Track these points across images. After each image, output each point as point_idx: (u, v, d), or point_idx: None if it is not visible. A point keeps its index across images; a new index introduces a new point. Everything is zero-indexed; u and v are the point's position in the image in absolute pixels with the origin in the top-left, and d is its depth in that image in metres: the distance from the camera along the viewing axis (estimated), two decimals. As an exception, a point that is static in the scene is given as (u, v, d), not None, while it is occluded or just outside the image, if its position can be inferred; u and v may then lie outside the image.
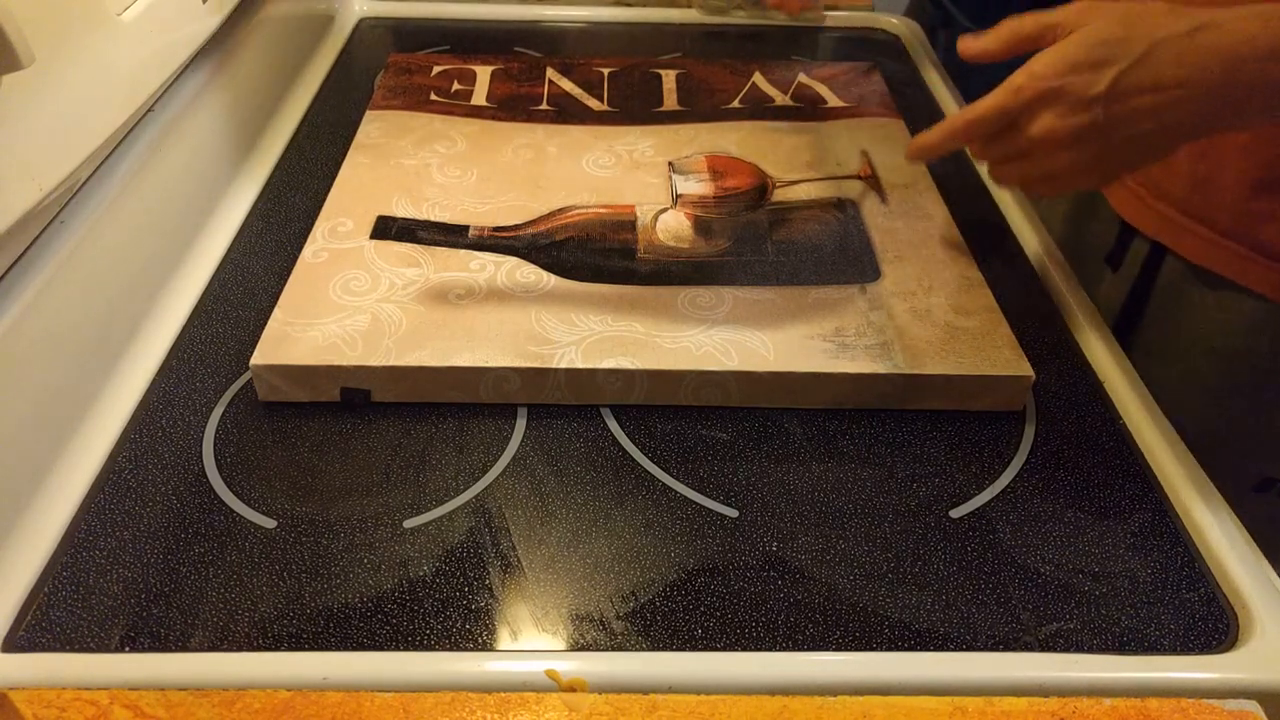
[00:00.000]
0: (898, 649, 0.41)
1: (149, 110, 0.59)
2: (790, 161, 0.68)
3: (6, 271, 0.46)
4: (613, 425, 0.51)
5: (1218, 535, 0.46)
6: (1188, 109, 0.47)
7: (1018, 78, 0.51)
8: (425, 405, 0.52)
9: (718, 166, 0.67)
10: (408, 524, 0.46)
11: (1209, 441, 0.51)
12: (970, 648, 0.41)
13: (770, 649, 0.41)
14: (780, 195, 0.65)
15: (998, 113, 0.51)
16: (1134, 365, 0.56)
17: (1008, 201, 0.70)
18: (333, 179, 0.64)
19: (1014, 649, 0.41)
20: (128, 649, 0.40)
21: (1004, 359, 0.52)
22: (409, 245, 0.58)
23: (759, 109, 0.75)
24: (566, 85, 0.77)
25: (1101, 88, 0.47)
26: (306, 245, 0.58)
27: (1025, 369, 0.52)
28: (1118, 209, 0.67)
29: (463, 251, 0.58)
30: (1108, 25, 0.49)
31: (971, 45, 0.55)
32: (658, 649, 0.41)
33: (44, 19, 0.45)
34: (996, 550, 0.45)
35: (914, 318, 0.54)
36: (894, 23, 0.95)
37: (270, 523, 0.46)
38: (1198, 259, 0.62)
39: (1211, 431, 0.53)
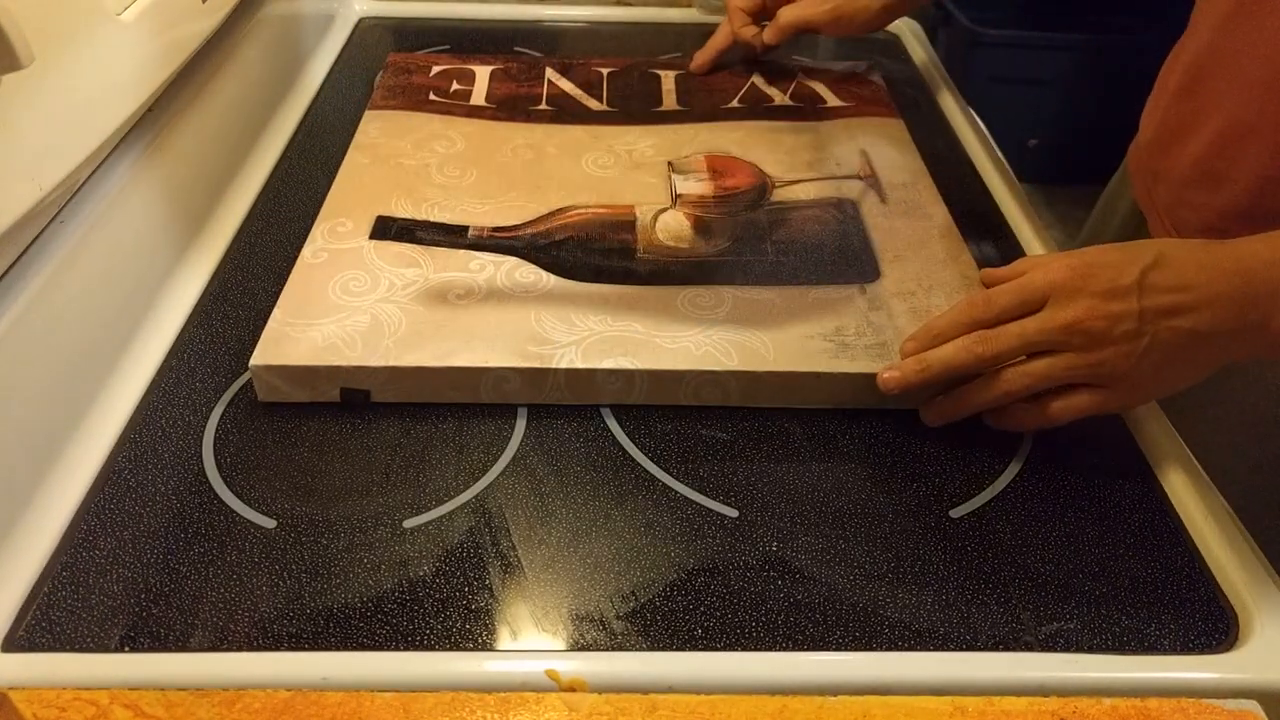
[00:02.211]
0: (898, 649, 0.41)
1: (149, 110, 0.59)
2: (790, 161, 0.68)
3: (6, 271, 0.46)
4: (613, 425, 0.51)
5: (1218, 535, 0.46)
6: (1216, 312, 0.45)
7: (1040, 266, 0.47)
8: (425, 405, 0.52)
9: (717, 166, 0.67)
10: (408, 524, 0.46)
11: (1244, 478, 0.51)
12: (970, 647, 0.41)
13: (770, 649, 0.41)
14: (780, 195, 0.65)
15: (1027, 286, 0.47)
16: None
17: (1008, 201, 0.70)
18: (332, 179, 0.64)
19: (1014, 649, 0.41)
20: (128, 649, 0.40)
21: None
22: (408, 245, 0.58)
23: (758, 109, 0.75)
24: (566, 85, 0.77)
25: (1131, 279, 0.45)
26: (306, 245, 0.58)
27: (1025, 369, 0.52)
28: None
29: (462, 251, 0.58)
30: (1117, 244, 0.48)
31: (988, 275, 0.53)
32: (658, 649, 0.41)
33: (44, 19, 0.45)
34: (996, 550, 0.45)
35: (914, 318, 0.54)
36: (894, 22, 0.94)
37: (270, 523, 0.46)
38: None
39: (1246, 481, 0.53)
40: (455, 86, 0.76)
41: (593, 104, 0.75)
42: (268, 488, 0.47)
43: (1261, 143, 0.56)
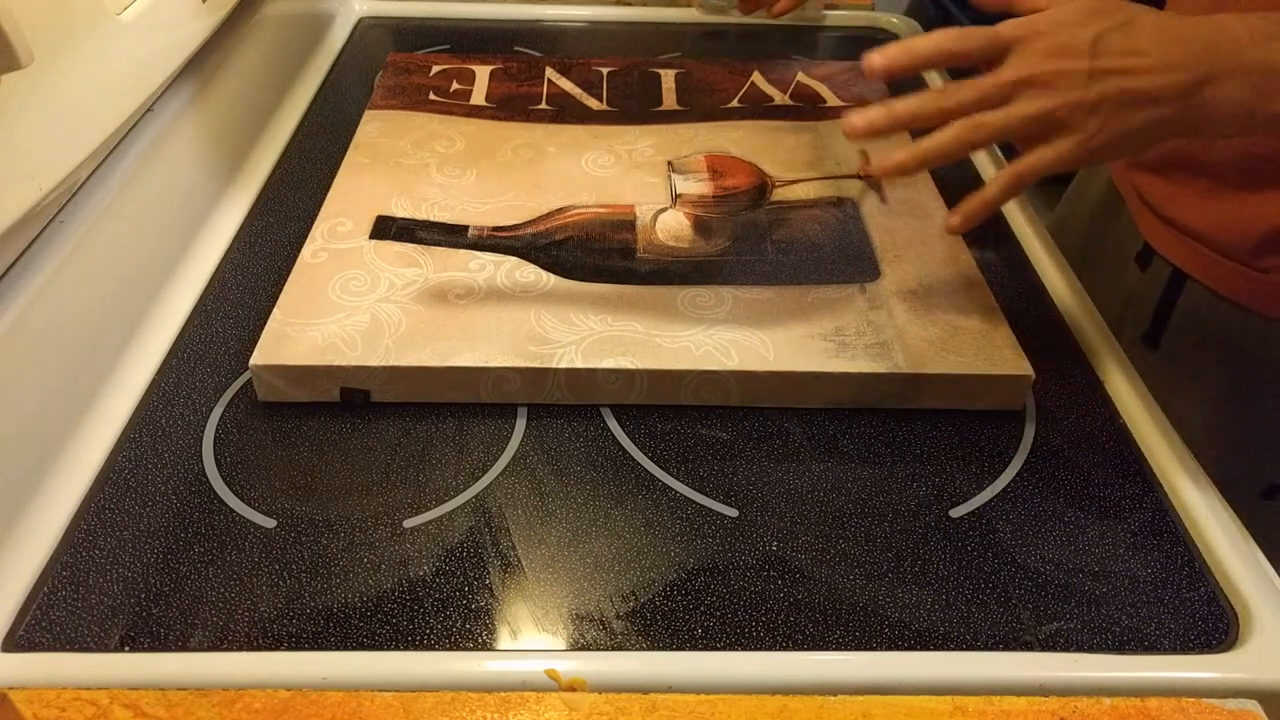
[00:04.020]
0: (898, 649, 0.41)
1: (149, 110, 0.59)
2: (790, 161, 0.68)
3: (6, 271, 0.46)
4: (613, 425, 0.51)
5: (1218, 535, 0.46)
6: (1169, 80, 0.46)
7: (1008, 22, 0.50)
8: (425, 405, 0.52)
9: (717, 166, 0.67)
10: (408, 524, 0.46)
11: (1217, 446, 0.51)
12: (970, 647, 0.41)
13: (770, 649, 0.41)
14: (780, 194, 0.65)
15: (978, 35, 0.49)
16: (1157, 369, 0.56)
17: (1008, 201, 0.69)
18: (332, 179, 0.64)
19: (1014, 648, 0.41)
20: (128, 649, 0.40)
21: (1004, 359, 0.52)
22: (408, 245, 0.58)
23: (758, 109, 0.75)
24: (566, 85, 0.77)
25: (1085, 40, 0.47)
26: (306, 245, 0.58)
27: (1025, 368, 0.52)
28: (1145, 236, 0.67)
29: (462, 251, 0.58)
30: (1078, 3, 0.49)
31: None
32: (657, 649, 0.41)
33: (44, 19, 0.45)
34: (996, 550, 0.45)
35: (914, 317, 0.54)
36: (894, 22, 0.95)
37: (270, 522, 0.46)
38: (1228, 292, 0.62)
39: (1220, 437, 0.53)
40: (455, 86, 0.76)
41: (593, 104, 0.75)
42: (268, 487, 0.47)
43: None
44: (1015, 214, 0.68)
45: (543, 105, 0.74)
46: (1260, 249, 0.59)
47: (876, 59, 0.50)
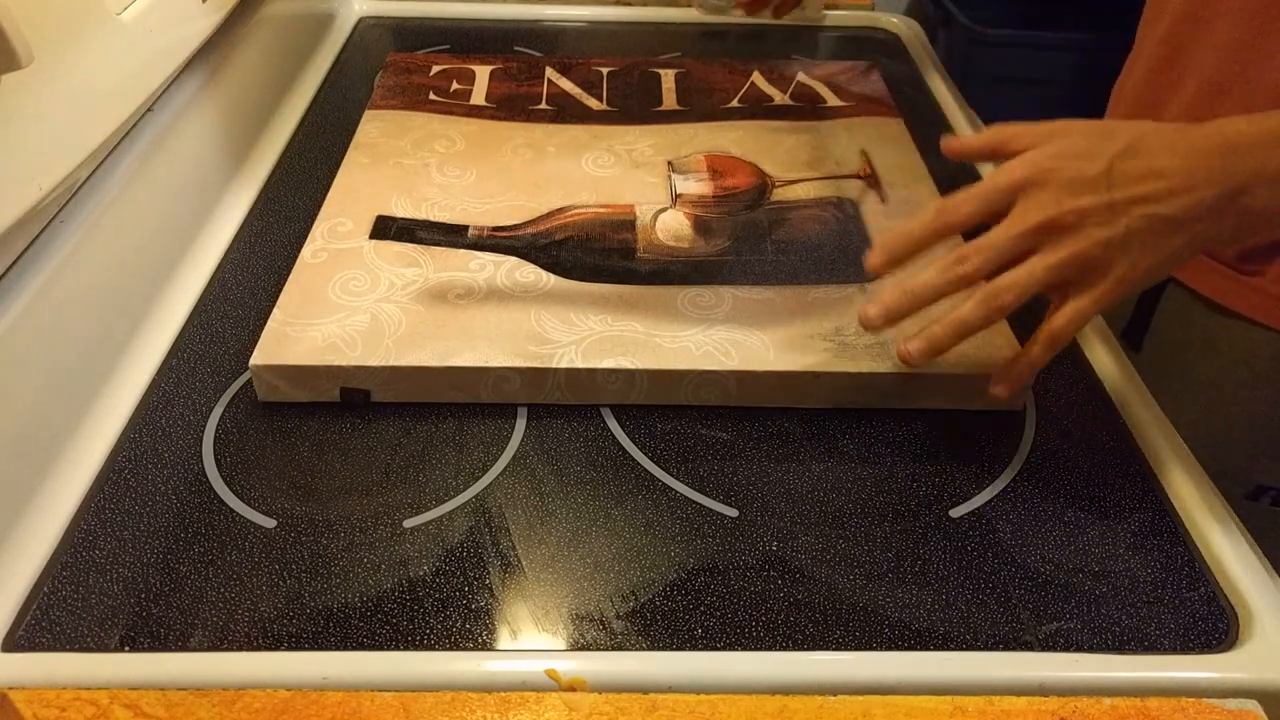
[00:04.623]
0: (898, 649, 0.41)
1: (149, 110, 0.59)
2: (789, 161, 0.68)
3: (6, 271, 0.46)
4: (613, 425, 0.51)
5: (1218, 535, 0.46)
6: (1197, 200, 0.43)
7: (1004, 166, 0.46)
8: (425, 405, 0.52)
9: (717, 166, 0.67)
10: (408, 524, 0.46)
11: (1200, 447, 0.51)
12: (970, 647, 0.41)
13: (770, 649, 0.41)
14: (780, 195, 0.65)
15: (990, 190, 0.46)
16: (1139, 370, 0.56)
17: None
18: (332, 179, 0.64)
19: (1014, 648, 0.41)
20: (128, 649, 0.40)
21: (1004, 358, 0.52)
22: (408, 245, 0.58)
23: (758, 109, 0.75)
24: (566, 85, 0.77)
25: (1099, 169, 0.44)
26: (306, 245, 0.58)
27: (1025, 368, 0.52)
28: None
29: (462, 251, 0.58)
30: (1089, 125, 0.47)
31: (954, 144, 0.51)
32: (657, 648, 0.41)
33: (44, 19, 0.45)
34: (996, 550, 0.45)
35: (914, 317, 0.54)
36: (894, 22, 0.95)
37: (270, 522, 0.46)
38: (1207, 290, 0.61)
39: (1207, 438, 0.53)
40: (455, 86, 0.76)
41: (593, 104, 0.75)
42: (268, 487, 0.47)
43: (1234, 103, 0.57)
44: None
45: (543, 105, 0.74)
46: (1244, 252, 0.59)
47: (877, 258, 0.48)
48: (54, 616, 0.41)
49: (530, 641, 0.41)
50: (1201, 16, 0.59)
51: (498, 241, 0.59)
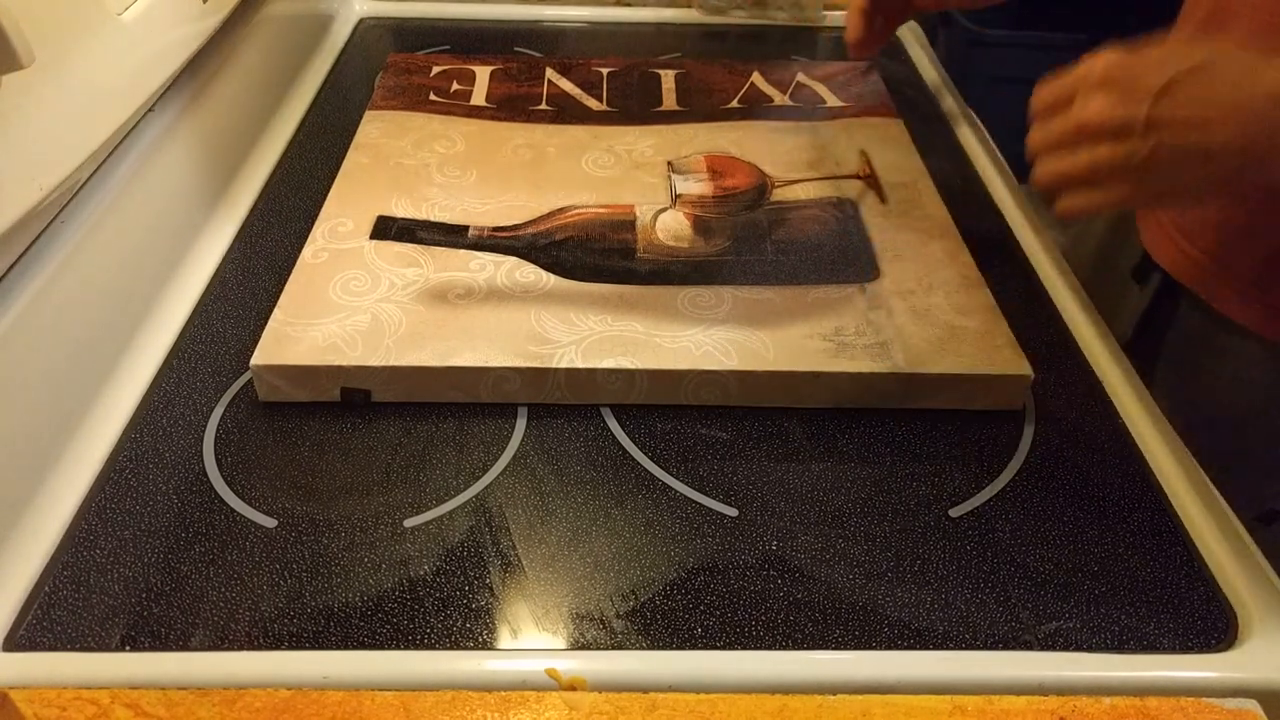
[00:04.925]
0: (897, 648, 0.41)
1: (150, 110, 0.59)
2: (789, 161, 0.68)
3: (7, 271, 0.46)
4: (613, 425, 0.51)
5: (1217, 535, 0.46)
6: (1232, 134, 0.44)
7: (1097, 57, 0.48)
8: (425, 405, 0.52)
9: (717, 166, 0.67)
10: (408, 523, 0.46)
11: (1214, 467, 0.51)
12: (970, 646, 0.41)
13: (770, 648, 0.41)
14: (779, 195, 0.65)
15: (1070, 80, 0.48)
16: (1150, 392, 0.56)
17: (1008, 201, 0.70)
18: (332, 179, 0.64)
19: (1014, 648, 0.41)
20: (128, 648, 0.40)
21: (1003, 358, 0.52)
22: (409, 245, 0.58)
23: (758, 109, 0.75)
24: (566, 85, 0.77)
25: (1157, 84, 0.45)
26: (306, 245, 0.58)
27: (1025, 368, 0.52)
28: (1148, 247, 0.67)
29: (462, 251, 0.58)
30: (1178, 40, 0.48)
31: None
32: (657, 648, 0.41)
33: (44, 19, 0.45)
34: (996, 549, 0.46)
35: (913, 317, 0.54)
36: (893, 22, 0.94)
37: (270, 522, 0.46)
38: (1226, 310, 0.61)
39: (1218, 460, 0.53)
40: (455, 86, 0.76)
41: (593, 104, 0.75)
42: (268, 487, 0.47)
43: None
44: (1015, 214, 0.68)
45: (543, 105, 0.74)
46: (1260, 272, 0.59)
47: (1072, 204, 0.49)
48: (55, 616, 0.41)
49: (530, 641, 0.41)
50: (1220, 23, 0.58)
51: (498, 241, 0.59)
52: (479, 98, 0.74)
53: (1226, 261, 0.60)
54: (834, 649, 0.41)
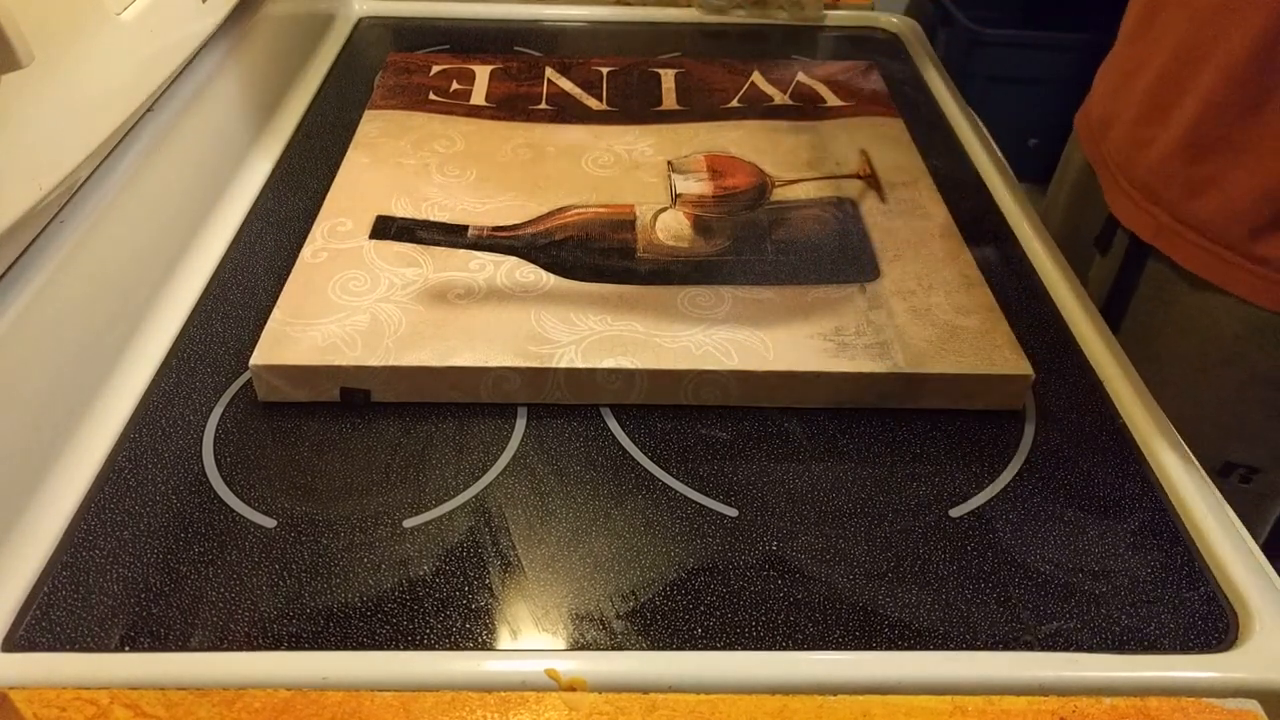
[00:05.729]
0: (898, 648, 0.41)
1: (149, 110, 0.59)
2: (789, 161, 0.68)
3: (6, 271, 0.46)
4: (613, 425, 0.51)
5: (1217, 534, 0.46)
6: None
7: None
8: (425, 405, 0.52)
9: (717, 166, 0.67)
10: (408, 523, 0.46)
11: (1177, 423, 0.51)
12: (970, 647, 0.41)
13: (770, 648, 0.41)
14: (779, 194, 0.65)
15: None
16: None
17: (1008, 201, 0.70)
18: (332, 179, 0.64)
19: (1014, 648, 0.41)
20: (128, 648, 0.40)
21: (1004, 358, 0.52)
22: (408, 245, 0.58)
23: (758, 108, 0.75)
24: (565, 85, 0.77)
25: None
26: (306, 245, 0.58)
27: (1025, 368, 0.52)
28: (1111, 207, 0.67)
29: (462, 251, 0.58)
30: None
31: None
32: (657, 648, 0.41)
33: (44, 18, 0.45)
34: (996, 549, 0.45)
35: (914, 317, 0.54)
36: (894, 22, 0.95)
37: (270, 522, 0.46)
38: (1188, 264, 0.62)
39: (1179, 414, 0.53)
40: (455, 86, 0.76)
41: (593, 104, 0.75)
42: (268, 487, 0.47)
43: (1212, 66, 0.57)
44: (1015, 214, 0.68)
45: (543, 105, 0.74)
46: (1238, 218, 0.59)
47: None
48: (54, 616, 0.41)
49: (530, 641, 0.41)
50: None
51: (498, 241, 0.59)
52: (479, 97, 0.74)
53: (1190, 218, 0.61)
54: (834, 649, 0.41)
